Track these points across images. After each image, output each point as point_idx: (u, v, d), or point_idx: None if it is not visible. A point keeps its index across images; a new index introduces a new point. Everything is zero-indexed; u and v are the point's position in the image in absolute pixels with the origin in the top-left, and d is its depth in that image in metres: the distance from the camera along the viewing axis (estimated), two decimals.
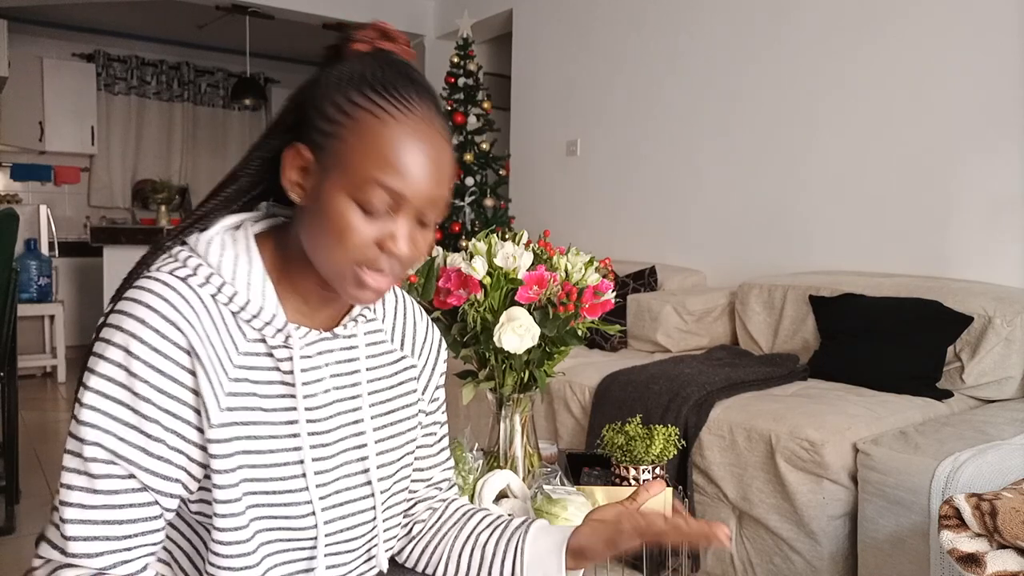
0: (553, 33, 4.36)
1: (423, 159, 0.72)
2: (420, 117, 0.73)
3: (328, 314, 0.83)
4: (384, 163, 0.71)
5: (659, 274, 3.36)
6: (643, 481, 1.50)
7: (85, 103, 6.36)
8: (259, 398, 0.76)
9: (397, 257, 0.74)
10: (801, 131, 3.13)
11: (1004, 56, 2.52)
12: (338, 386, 0.83)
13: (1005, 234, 2.54)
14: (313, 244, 0.75)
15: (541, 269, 1.38)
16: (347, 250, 0.73)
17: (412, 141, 0.72)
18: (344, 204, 0.72)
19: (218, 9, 5.25)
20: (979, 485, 1.63)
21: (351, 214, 0.72)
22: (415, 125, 0.72)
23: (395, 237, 0.73)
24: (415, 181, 0.72)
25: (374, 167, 0.71)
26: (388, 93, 0.72)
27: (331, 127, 0.72)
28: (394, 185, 0.71)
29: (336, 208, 0.72)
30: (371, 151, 0.71)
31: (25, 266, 4.76)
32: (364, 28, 0.79)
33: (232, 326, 0.76)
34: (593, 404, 2.52)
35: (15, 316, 2.68)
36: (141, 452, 0.71)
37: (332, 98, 0.73)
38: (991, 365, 2.30)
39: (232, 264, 0.76)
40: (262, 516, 0.75)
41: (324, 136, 0.73)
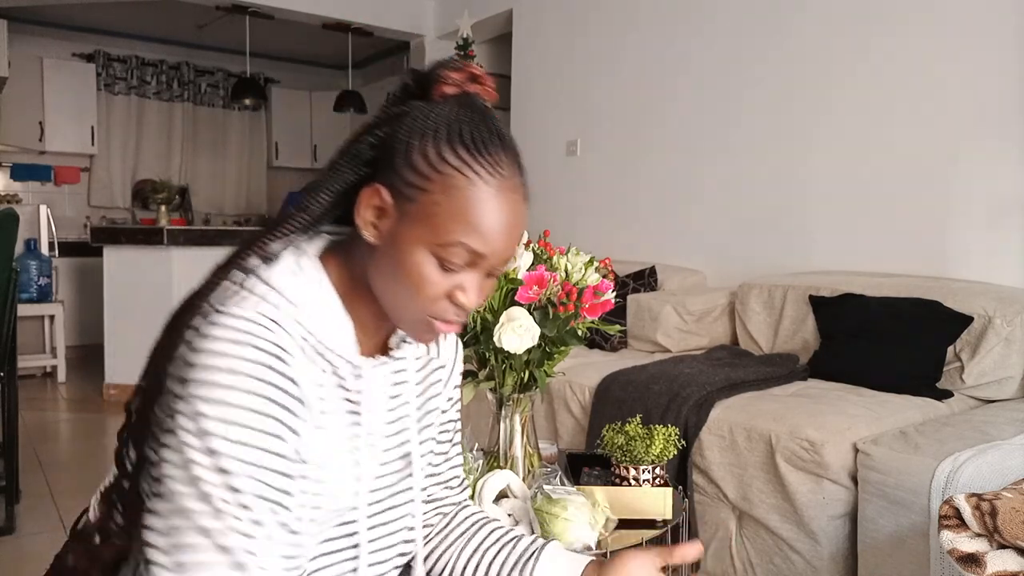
0: (553, 33, 4.36)
1: (506, 222, 0.73)
2: (507, 178, 0.74)
3: (381, 338, 0.85)
4: (470, 226, 0.71)
5: (659, 274, 3.36)
6: (643, 481, 1.50)
7: (85, 103, 6.36)
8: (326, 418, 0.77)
9: (464, 308, 0.76)
10: (801, 131, 3.13)
11: (1004, 56, 2.52)
12: (391, 407, 0.86)
13: (1005, 234, 2.54)
14: (384, 286, 0.76)
15: (541, 269, 1.38)
16: (420, 301, 0.74)
17: (498, 204, 0.72)
18: (423, 257, 0.73)
19: (218, 9, 5.25)
20: (979, 485, 1.63)
21: (428, 268, 0.73)
22: (502, 187, 0.73)
23: (466, 290, 0.75)
24: (496, 242, 0.73)
25: (460, 229, 0.71)
26: (480, 153, 0.72)
27: (419, 180, 0.72)
28: (477, 246, 0.72)
29: (415, 260, 0.73)
30: (459, 212, 0.71)
31: (25, 266, 4.76)
32: (455, 69, 0.77)
33: (313, 357, 0.75)
34: (593, 404, 2.52)
35: (15, 316, 2.68)
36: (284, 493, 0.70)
37: (422, 149, 0.72)
38: (991, 365, 2.29)
39: (311, 301, 0.76)
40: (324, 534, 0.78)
41: (410, 186, 0.72)
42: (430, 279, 0.73)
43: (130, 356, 4.38)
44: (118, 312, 4.40)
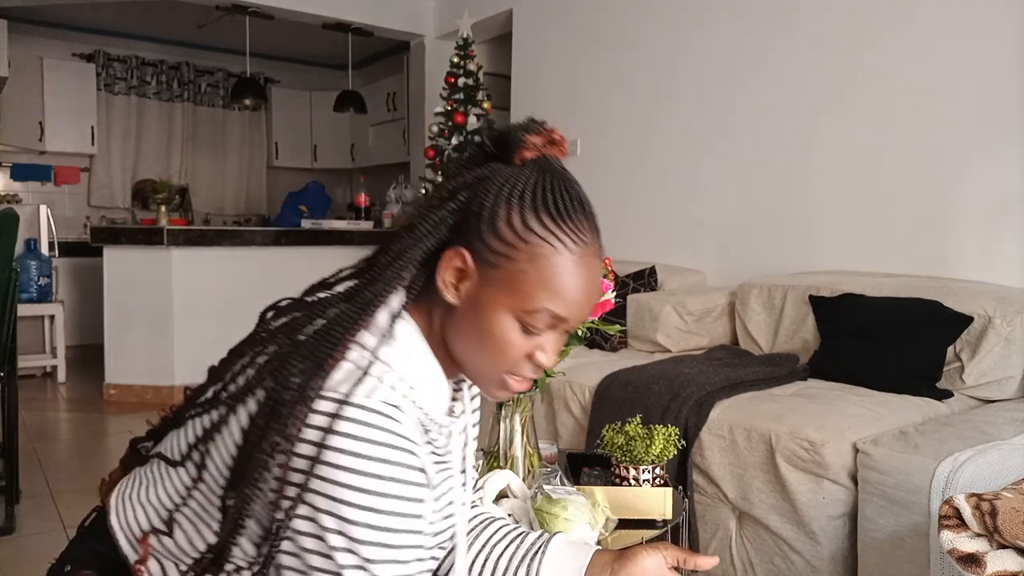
0: (553, 33, 4.36)
1: (588, 288, 0.76)
2: (589, 244, 0.76)
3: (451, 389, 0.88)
4: (555, 293, 0.74)
5: (659, 274, 3.36)
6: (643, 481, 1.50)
7: (85, 103, 6.36)
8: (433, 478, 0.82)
9: (542, 367, 0.78)
10: (801, 131, 3.13)
11: (1004, 56, 2.52)
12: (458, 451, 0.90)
13: (1005, 234, 2.54)
14: (466, 347, 0.78)
15: None
16: (502, 362, 0.77)
17: (582, 272, 0.75)
18: (507, 321, 0.75)
19: (218, 9, 5.25)
20: (979, 485, 1.63)
21: (512, 331, 0.76)
22: (584, 255, 0.76)
23: (545, 351, 0.78)
24: (578, 307, 0.76)
25: (546, 296, 0.74)
26: (564, 222, 0.74)
27: (504, 247, 0.74)
28: (560, 312, 0.75)
29: (499, 324, 0.75)
30: (544, 280, 0.74)
31: (25, 266, 4.76)
32: (535, 133, 0.78)
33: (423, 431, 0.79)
34: (593, 404, 2.52)
35: (15, 316, 2.68)
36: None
37: (507, 217, 0.74)
38: (991, 365, 2.29)
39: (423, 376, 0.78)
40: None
41: (494, 253, 0.74)
42: (513, 342, 0.76)
43: (130, 356, 4.38)
44: (118, 312, 4.40)
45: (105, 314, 4.43)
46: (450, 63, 4.44)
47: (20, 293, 3.11)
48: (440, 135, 4.42)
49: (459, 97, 4.37)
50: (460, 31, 4.45)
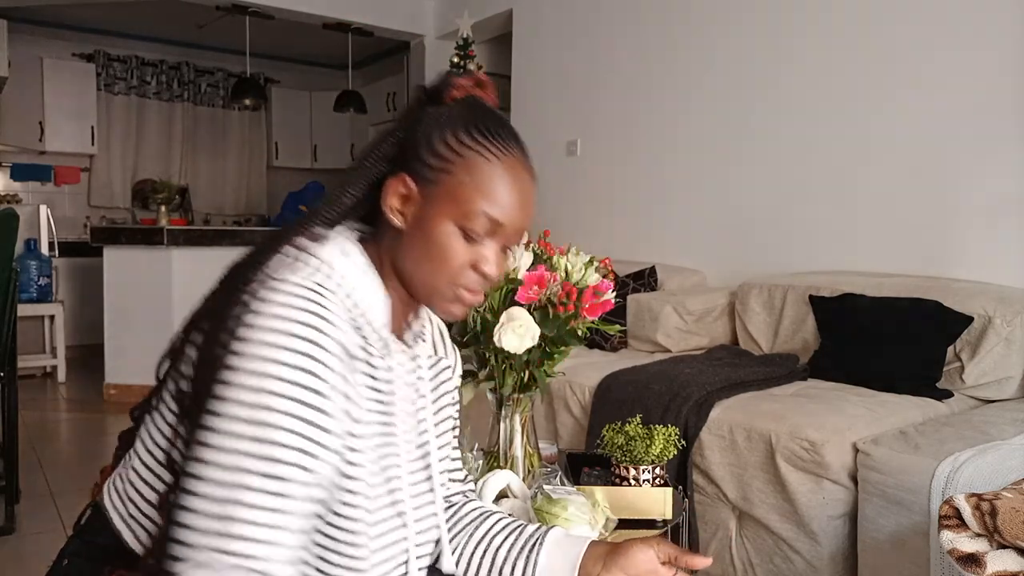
0: (553, 33, 4.36)
1: (519, 193, 0.84)
2: (517, 158, 0.85)
3: (405, 321, 0.91)
4: (491, 198, 0.82)
5: (659, 274, 3.36)
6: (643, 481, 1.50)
7: (85, 103, 6.36)
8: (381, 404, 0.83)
9: (487, 277, 0.84)
10: (802, 131, 3.13)
11: (1003, 56, 2.52)
12: (411, 398, 0.90)
13: (1005, 234, 2.53)
14: (414, 265, 0.84)
15: (541, 269, 1.38)
16: (447, 271, 0.82)
17: (513, 179, 0.84)
18: (450, 230, 0.82)
19: (218, 9, 5.25)
20: (979, 485, 1.63)
21: (454, 239, 0.82)
22: (515, 165, 0.84)
23: (487, 259, 0.84)
24: (512, 212, 0.83)
25: (482, 200, 0.81)
26: (493, 136, 0.83)
27: (442, 163, 0.82)
28: (496, 215, 0.82)
29: (443, 233, 0.82)
30: (480, 186, 0.81)
31: (25, 266, 4.76)
32: (463, 76, 0.88)
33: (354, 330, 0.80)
34: (593, 404, 2.52)
35: (15, 316, 2.68)
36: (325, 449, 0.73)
37: (443, 137, 0.82)
38: (991, 365, 2.29)
39: (358, 280, 0.83)
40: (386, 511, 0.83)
41: (434, 170, 0.82)
42: (456, 250, 0.82)
43: (130, 356, 4.38)
44: (118, 312, 4.40)
45: (105, 314, 4.43)
46: (450, 63, 4.44)
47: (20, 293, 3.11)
48: None
49: None
50: (460, 31, 4.45)
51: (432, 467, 0.91)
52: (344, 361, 0.76)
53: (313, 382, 0.72)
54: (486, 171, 0.82)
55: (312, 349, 0.72)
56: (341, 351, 0.75)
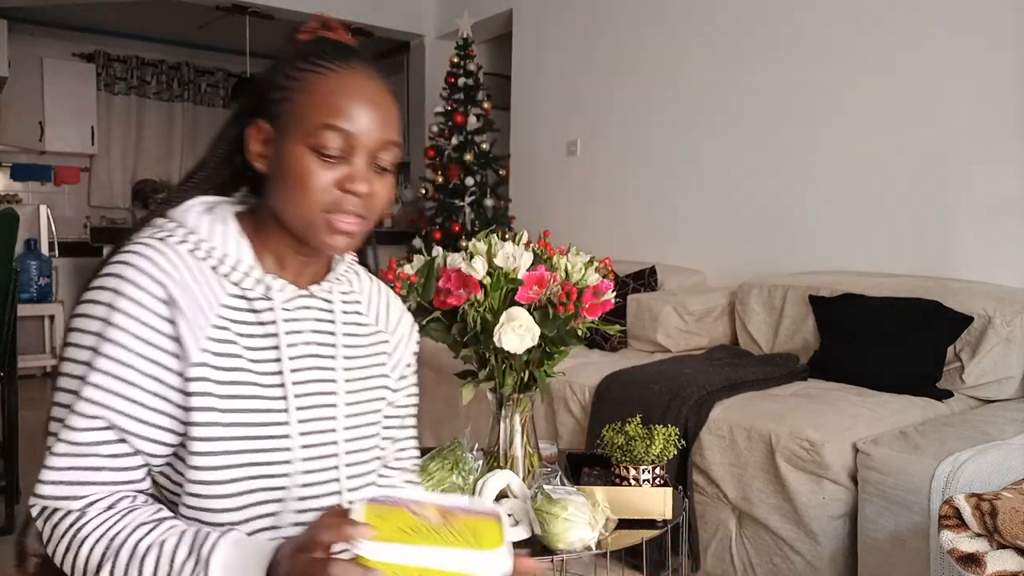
0: (553, 33, 4.36)
1: (367, 102, 0.81)
2: (358, 70, 0.82)
3: (306, 277, 0.90)
4: (332, 108, 0.79)
5: (659, 274, 3.36)
6: (643, 481, 1.50)
7: (85, 103, 6.35)
8: (242, 348, 0.81)
9: (357, 194, 0.80)
10: (801, 131, 3.13)
11: (1004, 56, 2.52)
12: (317, 342, 0.88)
13: (1005, 234, 2.53)
14: (283, 203, 0.82)
15: (541, 269, 1.38)
16: (312, 196, 0.80)
17: (355, 87, 0.81)
18: (302, 154, 0.79)
19: (218, 9, 5.25)
20: (979, 485, 1.63)
21: (310, 162, 0.79)
22: (354, 73, 0.82)
23: (352, 177, 0.80)
24: (362, 122, 0.80)
25: (323, 113, 0.79)
26: (328, 54, 0.82)
27: (281, 93, 0.81)
28: (342, 125, 0.79)
29: (296, 159, 0.80)
30: (319, 100, 0.80)
31: (25, 266, 4.76)
32: (312, 20, 0.88)
33: (212, 280, 0.81)
34: (593, 404, 2.52)
35: (15, 316, 2.68)
36: (116, 397, 0.75)
37: (281, 71, 0.83)
38: (991, 365, 2.29)
39: (208, 226, 0.83)
40: (240, 457, 0.80)
41: (276, 104, 0.82)
42: (314, 172, 0.79)
43: None
44: None
45: None
46: (450, 63, 4.43)
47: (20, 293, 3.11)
48: (440, 135, 4.41)
49: (459, 97, 4.37)
50: (460, 31, 4.45)
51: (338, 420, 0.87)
52: (162, 306, 0.77)
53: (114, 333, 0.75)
54: (321, 85, 0.80)
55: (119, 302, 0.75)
56: (152, 300, 0.76)
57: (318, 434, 0.86)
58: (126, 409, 0.75)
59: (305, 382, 0.85)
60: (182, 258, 0.80)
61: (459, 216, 4.30)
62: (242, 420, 0.80)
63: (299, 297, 0.87)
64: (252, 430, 0.80)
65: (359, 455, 0.91)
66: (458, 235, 4.24)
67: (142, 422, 0.76)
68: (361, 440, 0.91)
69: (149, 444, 0.77)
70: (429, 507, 0.71)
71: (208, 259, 0.81)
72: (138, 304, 0.76)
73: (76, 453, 0.75)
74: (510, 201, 4.51)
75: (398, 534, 0.66)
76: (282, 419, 0.82)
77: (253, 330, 0.83)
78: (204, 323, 0.79)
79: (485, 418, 1.56)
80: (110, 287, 0.76)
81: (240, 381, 0.80)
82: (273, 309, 0.83)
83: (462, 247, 3.85)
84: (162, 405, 0.77)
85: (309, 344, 0.86)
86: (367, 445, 0.92)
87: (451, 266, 1.39)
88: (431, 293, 1.40)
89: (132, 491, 0.79)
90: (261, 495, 0.82)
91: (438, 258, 1.44)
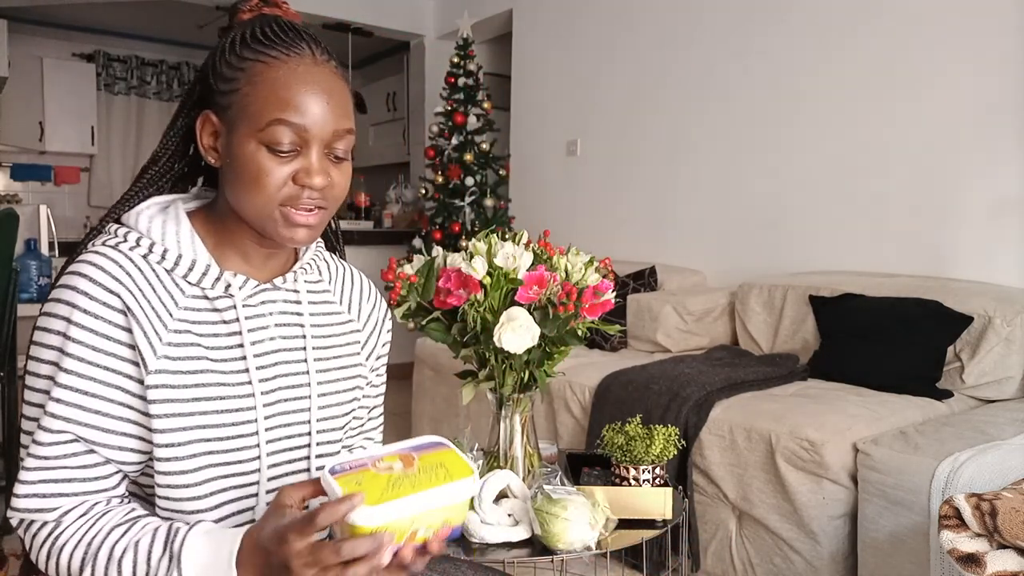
0: (553, 33, 4.36)
1: (316, 92, 0.77)
2: (305, 56, 0.79)
3: (271, 269, 0.88)
4: (280, 101, 0.76)
5: (659, 274, 3.36)
6: (643, 481, 1.50)
7: (85, 103, 6.36)
8: (205, 348, 0.80)
9: (313, 188, 0.78)
10: (801, 131, 3.13)
11: (1004, 56, 2.52)
12: (284, 335, 0.87)
13: (1005, 234, 2.54)
14: (237, 197, 0.80)
15: (541, 269, 1.38)
16: (267, 192, 0.77)
17: (302, 77, 0.77)
18: (254, 149, 0.77)
19: (218, 9, 5.25)
20: (979, 485, 1.63)
21: (262, 158, 0.77)
22: (302, 62, 0.78)
23: (308, 170, 0.78)
24: (313, 113, 0.77)
25: (272, 107, 0.76)
26: (272, 41, 0.78)
27: (228, 85, 0.78)
28: (294, 119, 0.76)
29: (248, 155, 0.77)
30: (267, 93, 0.76)
31: (25, 266, 4.75)
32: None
33: (169, 284, 0.80)
34: (593, 404, 2.52)
35: (15, 316, 2.68)
36: (80, 410, 0.75)
37: (225, 59, 0.79)
38: (991, 365, 2.29)
39: (160, 228, 0.82)
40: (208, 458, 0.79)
41: (224, 95, 0.79)
42: (267, 168, 0.77)
43: None
44: None
45: None
46: (450, 63, 4.43)
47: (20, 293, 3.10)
48: (440, 135, 4.41)
49: (459, 97, 4.37)
50: (460, 31, 4.45)
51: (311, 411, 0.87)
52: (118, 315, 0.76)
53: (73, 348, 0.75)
54: (268, 77, 0.77)
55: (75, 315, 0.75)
56: (107, 310, 0.75)
57: (289, 426, 0.86)
58: (91, 421, 0.76)
59: (273, 377, 0.85)
60: (136, 264, 0.79)
61: (459, 216, 4.30)
62: (209, 422, 0.79)
63: (262, 291, 0.85)
64: (220, 431, 0.80)
65: (333, 446, 0.91)
66: (458, 235, 4.24)
67: (108, 431, 0.76)
68: (334, 432, 0.91)
69: (118, 452, 0.77)
70: (388, 458, 0.72)
71: (163, 262, 0.80)
72: (94, 316, 0.75)
73: (46, 467, 0.76)
74: (510, 201, 4.52)
75: (383, 493, 0.68)
76: (251, 416, 0.82)
77: (217, 329, 0.82)
78: (162, 329, 0.78)
79: (485, 418, 1.56)
80: (66, 300, 0.76)
81: (205, 383, 0.79)
82: (235, 307, 0.82)
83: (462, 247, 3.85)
84: (127, 413, 0.77)
85: (275, 339, 0.85)
86: (339, 436, 0.92)
87: (451, 266, 1.39)
88: (431, 293, 1.40)
89: (105, 497, 0.79)
90: (233, 492, 0.82)
91: (438, 258, 1.44)
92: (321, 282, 0.94)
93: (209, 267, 0.81)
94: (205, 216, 0.86)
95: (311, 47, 0.79)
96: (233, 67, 0.78)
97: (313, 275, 0.93)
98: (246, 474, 0.82)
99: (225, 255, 0.84)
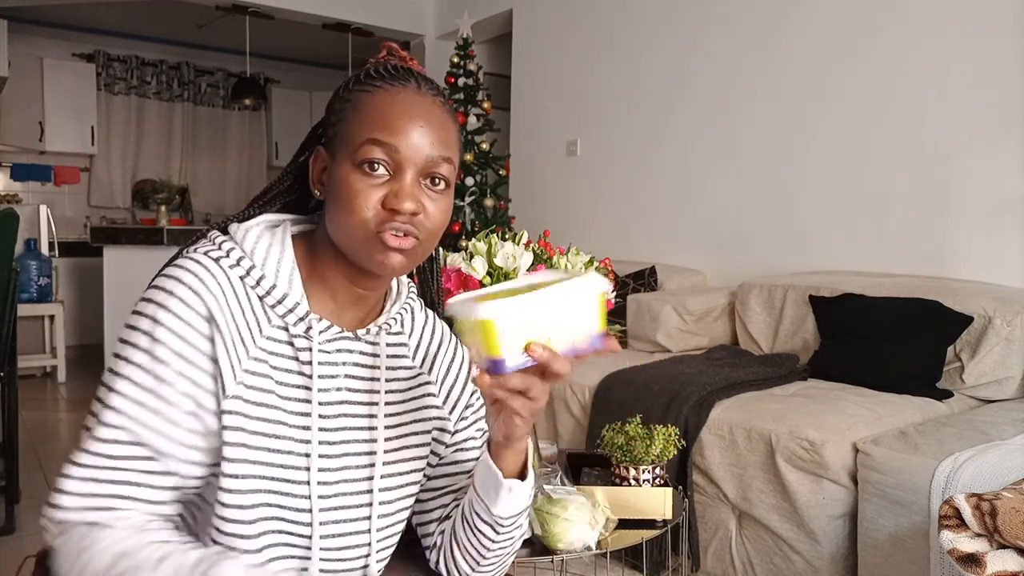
0: (553, 33, 4.36)
1: (412, 115, 0.77)
2: (409, 86, 0.79)
3: (355, 316, 0.86)
4: (374, 122, 0.77)
5: (659, 274, 3.36)
6: (643, 481, 1.50)
7: (85, 103, 6.36)
8: (275, 383, 0.78)
9: (403, 212, 0.76)
10: (801, 131, 3.13)
11: (1004, 56, 2.52)
12: (351, 387, 0.84)
13: (1005, 234, 2.54)
14: (335, 224, 0.79)
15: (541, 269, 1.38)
16: (359, 214, 0.76)
17: (401, 101, 0.78)
18: (349, 172, 0.77)
19: (218, 9, 5.25)
20: (979, 485, 1.63)
21: (356, 180, 0.76)
22: (404, 90, 0.79)
23: (398, 193, 0.76)
24: (407, 136, 0.77)
25: (367, 128, 0.77)
26: (381, 75, 0.80)
27: (336, 116, 0.80)
28: (386, 139, 0.76)
29: (344, 178, 0.77)
30: (365, 117, 0.78)
31: (25, 266, 4.76)
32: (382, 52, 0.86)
33: (258, 309, 0.79)
34: (593, 404, 2.52)
35: (15, 316, 2.68)
36: (148, 412, 0.73)
37: (338, 95, 0.82)
38: (991, 365, 2.29)
39: (264, 252, 0.81)
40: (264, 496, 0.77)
41: (332, 127, 0.81)
42: (360, 190, 0.76)
43: None
44: (118, 312, 4.40)
45: (105, 314, 4.43)
46: (450, 63, 4.43)
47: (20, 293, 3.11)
48: None
49: (459, 97, 4.36)
50: (460, 31, 4.45)
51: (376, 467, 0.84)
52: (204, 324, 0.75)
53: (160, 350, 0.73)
54: (369, 102, 0.78)
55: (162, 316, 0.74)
56: (195, 317, 0.74)
57: (348, 483, 0.83)
58: (158, 425, 0.73)
59: (336, 429, 0.82)
60: (231, 283, 0.77)
61: (459, 216, 4.29)
62: (268, 460, 0.77)
63: (340, 339, 0.83)
64: (276, 471, 0.77)
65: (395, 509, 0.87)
66: (458, 235, 4.24)
67: (173, 440, 0.74)
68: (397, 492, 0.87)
69: (181, 465, 0.74)
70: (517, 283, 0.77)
71: (256, 288, 0.79)
72: (182, 320, 0.74)
73: (102, 465, 0.73)
74: (510, 201, 4.51)
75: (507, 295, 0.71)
76: (303, 463, 0.79)
77: (289, 365, 0.80)
78: (243, 354, 0.76)
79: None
80: (157, 300, 0.75)
81: (269, 419, 0.77)
82: (311, 349, 0.80)
83: (462, 247, 3.85)
84: (195, 425, 0.74)
85: (341, 390, 0.83)
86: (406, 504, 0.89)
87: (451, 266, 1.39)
88: None
89: (158, 515, 0.76)
90: (285, 537, 0.79)
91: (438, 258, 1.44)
92: (401, 335, 0.90)
93: (298, 305, 0.80)
94: (307, 243, 0.85)
95: (417, 81, 0.80)
96: (343, 100, 0.80)
97: (395, 326, 0.89)
98: (298, 524, 0.79)
99: (314, 288, 0.83)
